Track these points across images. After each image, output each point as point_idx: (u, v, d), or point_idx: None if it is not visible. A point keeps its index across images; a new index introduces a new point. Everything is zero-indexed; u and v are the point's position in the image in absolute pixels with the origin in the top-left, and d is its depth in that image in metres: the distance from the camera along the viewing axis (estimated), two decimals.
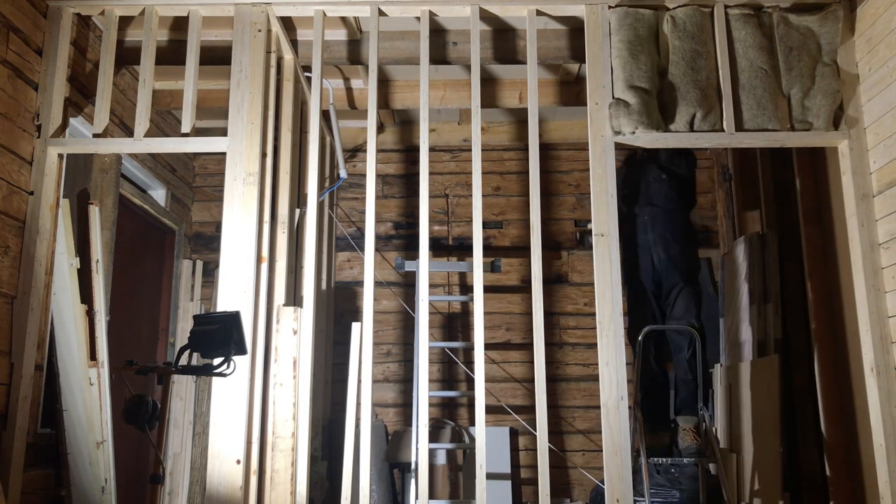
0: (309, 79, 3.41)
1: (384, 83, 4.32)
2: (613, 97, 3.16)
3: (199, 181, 5.07)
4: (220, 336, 2.42)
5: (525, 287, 4.82)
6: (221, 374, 2.45)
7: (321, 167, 4.13)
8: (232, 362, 2.46)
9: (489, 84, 4.27)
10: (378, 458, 4.39)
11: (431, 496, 4.20)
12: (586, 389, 4.72)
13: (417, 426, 3.55)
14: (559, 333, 4.80)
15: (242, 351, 2.50)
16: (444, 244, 4.94)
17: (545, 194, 4.87)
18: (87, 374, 3.20)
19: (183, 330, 4.54)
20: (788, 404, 3.65)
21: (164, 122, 4.50)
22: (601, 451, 2.91)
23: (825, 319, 3.57)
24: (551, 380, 4.66)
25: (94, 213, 3.46)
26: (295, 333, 3.15)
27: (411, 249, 4.88)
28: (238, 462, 2.83)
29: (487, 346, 4.60)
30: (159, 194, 4.57)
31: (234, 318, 2.47)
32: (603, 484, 4.11)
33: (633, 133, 3.11)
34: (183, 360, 2.45)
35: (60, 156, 3.17)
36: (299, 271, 3.57)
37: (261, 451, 3.03)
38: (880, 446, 2.88)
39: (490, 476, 4.35)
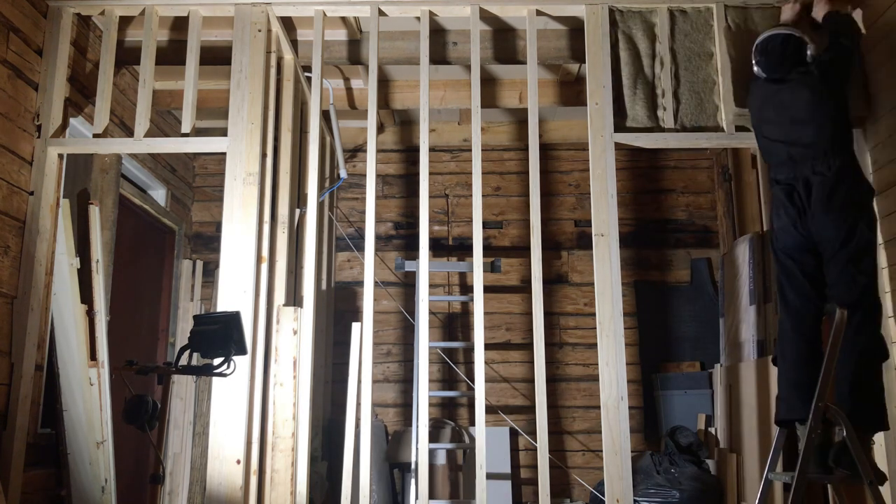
0: (309, 79, 3.41)
1: (384, 83, 4.32)
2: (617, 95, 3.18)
3: (199, 181, 5.07)
4: (220, 336, 2.42)
5: (525, 287, 4.82)
6: (221, 374, 2.45)
7: (321, 167, 4.13)
8: (232, 362, 2.46)
9: (489, 84, 4.27)
10: (378, 458, 4.39)
11: (431, 496, 4.20)
12: (586, 389, 4.72)
13: (417, 426, 3.55)
14: (559, 333, 4.80)
15: (242, 351, 2.50)
16: (444, 244, 4.94)
17: (545, 194, 4.87)
18: (87, 374, 3.20)
19: (183, 330, 4.54)
20: None
21: (164, 122, 4.50)
22: (601, 451, 2.91)
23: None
24: (551, 380, 4.66)
25: (94, 213, 3.46)
26: (295, 333, 3.15)
27: (411, 249, 4.88)
28: (238, 462, 2.83)
29: (487, 347, 4.60)
30: (159, 194, 4.57)
31: (234, 318, 2.47)
32: (595, 490, 4.12)
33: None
34: (183, 360, 2.45)
35: (60, 156, 3.17)
36: (299, 271, 3.57)
37: (261, 451, 3.03)
38: (880, 446, 2.88)
39: (490, 476, 4.35)
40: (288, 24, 3.46)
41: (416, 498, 3.60)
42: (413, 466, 3.90)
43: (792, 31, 2.87)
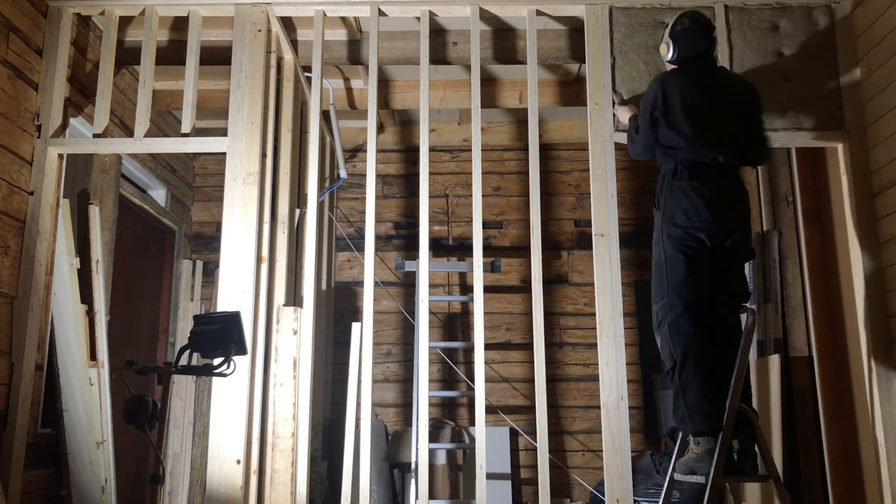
0: (309, 79, 3.41)
1: (384, 83, 4.32)
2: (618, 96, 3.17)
3: (199, 181, 5.07)
4: (220, 336, 2.42)
5: (525, 287, 4.82)
6: (221, 374, 2.45)
7: (321, 167, 4.13)
8: (232, 362, 2.46)
9: (489, 84, 4.27)
10: (378, 458, 4.38)
11: (431, 496, 4.19)
12: (586, 389, 4.72)
13: (417, 426, 3.55)
14: (559, 333, 4.80)
15: (242, 351, 2.50)
16: (444, 244, 4.94)
17: (545, 194, 4.87)
18: (87, 374, 3.20)
19: (183, 330, 4.54)
20: (788, 404, 3.65)
21: (164, 122, 4.50)
22: (601, 451, 2.91)
23: (825, 319, 3.56)
24: (551, 380, 4.65)
25: (94, 213, 3.46)
26: (295, 333, 3.15)
27: (411, 249, 4.88)
28: (238, 462, 2.83)
29: (487, 347, 4.60)
30: (159, 194, 4.56)
31: (234, 318, 2.47)
32: (595, 490, 4.12)
33: None
34: (183, 360, 2.45)
35: (60, 156, 3.17)
36: (299, 271, 3.57)
37: (261, 451, 3.03)
38: (880, 446, 2.88)
39: (490, 476, 4.35)
40: (288, 24, 3.46)
41: (416, 498, 3.59)
42: (413, 466, 3.89)
43: None
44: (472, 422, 4.61)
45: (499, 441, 4.51)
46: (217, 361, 2.46)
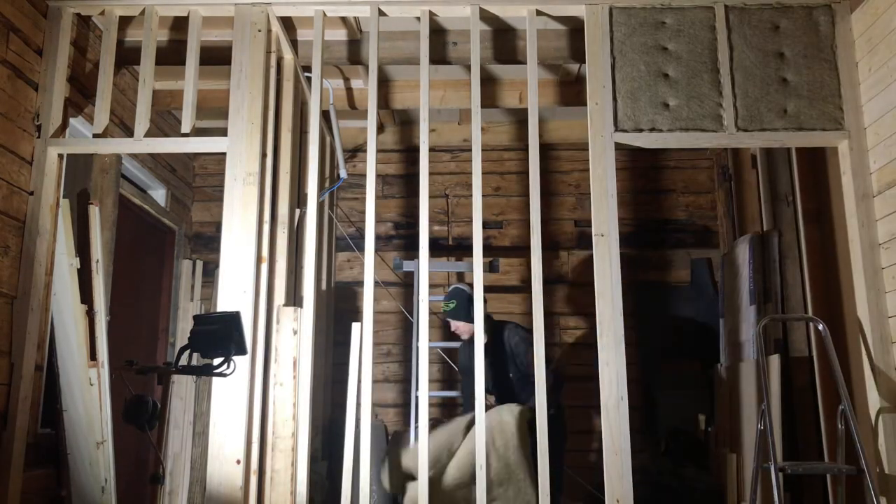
0: (309, 79, 3.41)
1: (384, 83, 4.32)
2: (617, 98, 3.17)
3: (199, 181, 5.07)
4: (220, 336, 2.41)
5: (525, 287, 4.82)
6: (221, 374, 2.45)
7: (321, 167, 4.13)
8: (232, 362, 2.46)
9: (489, 84, 4.27)
10: (378, 458, 4.38)
11: None
12: (586, 389, 4.71)
13: (417, 426, 3.54)
14: (559, 333, 4.80)
15: (242, 351, 2.49)
16: (444, 244, 4.94)
17: (545, 194, 4.87)
18: (87, 374, 3.20)
19: (183, 330, 4.54)
20: (788, 404, 3.65)
21: (164, 122, 4.50)
22: (601, 451, 2.90)
23: (825, 319, 3.56)
24: None
25: (94, 213, 3.46)
26: (295, 333, 3.15)
27: (411, 249, 4.88)
28: (238, 462, 2.83)
29: None
30: (159, 194, 4.57)
31: (234, 318, 2.47)
32: (595, 490, 4.11)
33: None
34: (183, 360, 2.44)
35: (60, 156, 3.17)
36: (299, 271, 3.57)
37: (261, 451, 3.03)
38: (881, 446, 2.88)
39: None
40: (288, 24, 3.46)
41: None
42: None
43: None
44: None
45: None
46: (217, 361, 2.46)
